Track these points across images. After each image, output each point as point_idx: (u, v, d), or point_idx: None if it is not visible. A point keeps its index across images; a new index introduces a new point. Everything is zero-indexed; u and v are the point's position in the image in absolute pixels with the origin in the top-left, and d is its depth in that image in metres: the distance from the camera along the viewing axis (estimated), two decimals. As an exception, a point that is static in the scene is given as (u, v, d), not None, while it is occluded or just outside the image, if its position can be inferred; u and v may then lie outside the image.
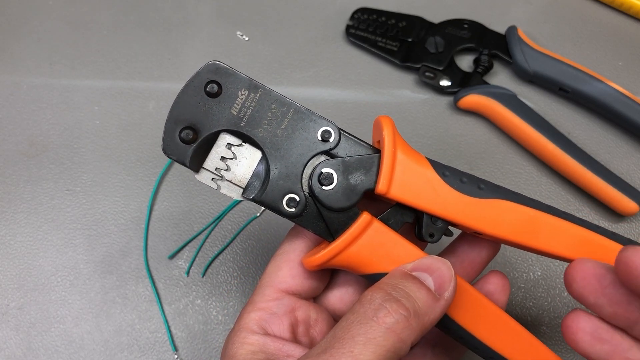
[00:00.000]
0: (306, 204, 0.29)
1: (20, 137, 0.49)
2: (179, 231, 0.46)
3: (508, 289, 0.33)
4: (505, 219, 0.30)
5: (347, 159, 0.29)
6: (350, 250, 0.29)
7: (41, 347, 0.42)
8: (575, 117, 0.50)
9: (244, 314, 0.30)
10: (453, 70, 0.51)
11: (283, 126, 0.29)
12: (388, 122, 0.30)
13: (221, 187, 0.30)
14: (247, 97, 0.29)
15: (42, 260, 0.45)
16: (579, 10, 0.55)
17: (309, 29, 0.54)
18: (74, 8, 0.55)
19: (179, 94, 0.29)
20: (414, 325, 0.25)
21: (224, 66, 0.29)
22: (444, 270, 0.27)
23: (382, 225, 0.29)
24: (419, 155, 0.30)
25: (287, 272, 0.31)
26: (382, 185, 0.29)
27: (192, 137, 0.29)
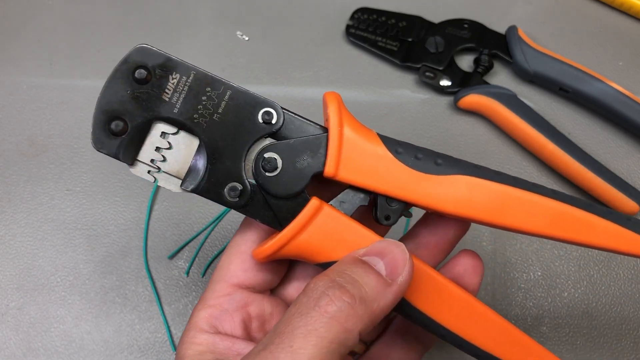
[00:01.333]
0: (251, 192, 0.27)
1: (20, 137, 0.49)
2: (179, 231, 0.46)
3: (480, 269, 0.31)
4: (467, 196, 0.27)
5: (292, 141, 0.27)
6: (299, 239, 0.27)
7: (41, 347, 0.42)
8: (575, 117, 0.50)
9: (195, 312, 0.29)
10: (453, 70, 0.51)
11: (220, 110, 0.27)
12: (333, 98, 0.28)
13: (158, 179, 0.28)
14: (179, 81, 0.27)
15: (42, 260, 0.45)
16: (579, 10, 0.55)
17: (309, 29, 0.54)
18: (74, 8, 0.55)
19: (105, 82, 0.27)
20: (361, 312, 0.23)
21: (153, 49, 0.27)
22: (397, 254, 0.25)
23: (333, 210, 0.27)
24: (369, 131, 0.28)
25: (238, 265, 0.29)
26: (329, 167, 0.27)
27: (123, 128, 0.26)
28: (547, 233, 0.28)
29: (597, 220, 0.28)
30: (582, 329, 0.43)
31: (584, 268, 0.44)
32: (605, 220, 0.28)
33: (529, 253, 0.45)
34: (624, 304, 0.43)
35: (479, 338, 0.28)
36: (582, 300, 0.44)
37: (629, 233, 0.28)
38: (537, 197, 0.28)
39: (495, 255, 0.45)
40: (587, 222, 0.28)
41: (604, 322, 0.43)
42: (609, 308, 0.43)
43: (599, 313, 0.43)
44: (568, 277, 0.44)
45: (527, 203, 0.28)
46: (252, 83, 0.51)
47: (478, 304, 0.28)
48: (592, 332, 0.43)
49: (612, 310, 0.43)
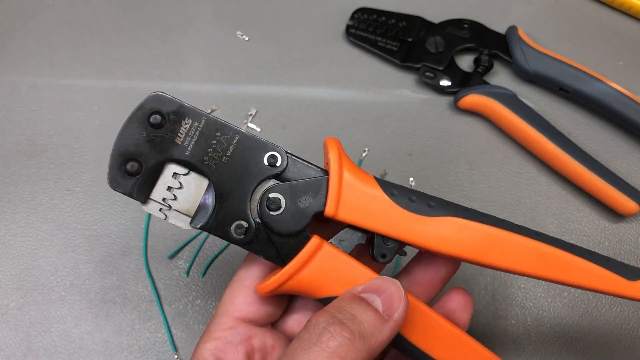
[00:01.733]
0: (256, 230, 0.29)
1: (20, 137, 0.49)
2: (179, 231, 0.45)
3: (470, 306, 0.33)
4: (456, 237, 0.29)
5: (295, 182, 0.29)
6: (301, 275, 0.28)
7: (41, 348, 0.42)
8: (575, 117, 0.50)
9: (200, 344, 0.30)
10: (453, 70, 0.51)
11: (229, 153, 0.29)
12: (333, 144, 0.30)
13: (169, 217, 0.30)
14: (191, 126, 0.29)
15: (42, 260, 0.45)
16: (579, 10, 0.55)
17: (309, 29, 0.54)
18: (74, 8, 0.55)
19: (122, 126, 0.29)
20: (360, 347, 0.25)
21: (167, 97, 0.29)
22: (392, 290, 0.27)
23: (333, 248, 0.29)
24: (367, 175, 0.30)
25: (242, 299, 0.31)
26: (329, 208, 0.29)
27: (138, 169, 0.29)
28: (531, 272, 0.30)
29: (578, 260, 0.30)
30: (582, 329, 0.43)
31: (584, 268, 0.44)
32: (585, 261, 0.30)
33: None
34: (624, 304, 0.43)
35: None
36: (582, 300, 0.44)
37: (607, 273, 0.30)
38: (521, 238, 0.30)
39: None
40: (568, 263, 0.30)
41: (604, 322, 0.43)
42: (608, 308, 0.43)
43: (598, 313, 0.43)
44: (568, 277, 0.44)
45: (512, 243, 0.30)
46: (252, 83, 0.51)
47: (469, 339, 0.30)
48: (592, 332, 0.43)
49: (612, 310, 0.43)
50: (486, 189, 0.47)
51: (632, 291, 0.30)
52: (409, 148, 0.49)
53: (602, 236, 0.45)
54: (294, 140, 0.49)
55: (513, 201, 0.47)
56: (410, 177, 0.47)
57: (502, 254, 0.29)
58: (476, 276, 0.44)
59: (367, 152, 0.48)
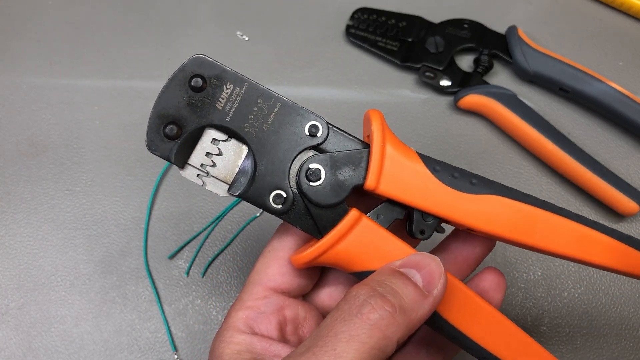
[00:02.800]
0: (294, 200, 0.29)
1: (20, 137, 0.49)
2: (179, 231, 0.46)
3: (504, 286, 0.32)
4: (498, 215, 0.29)
5: (335, 154, 0.29)
6: (338, 248, 0.28)
7: (41, 347, 0.42)
8: (575, 117, 0.50)
9: (232, 312, 0.30)
10: (453, 70, 0.51)
11: (269, 121, 0.28)
12: (377, 116, 0.30)
13: (207, 183, 0.29)
14: (233, 92, 0.28)
15: (42, 260, 0.45)
16: (579, 10, 0.55)
17: (309, 29, 0.54)
18: (74, 8, 0.55)
19: (162, 88, 0.28)
20: (400, 321, 0.24)
21: (209, 60, 0.28)
22: (433, 267, 0.26)
23: (371, 221, 0.29)
24: (409, 149, 0.29)
25: (275, 269, 0.30)
26: (370, 181, 0.28)
27: (177, 133, 0.28)
28: (570, 254, 0.30)
29: (618, 244, 0.30)
30: (582, 329, 0.43)
31: (584, 268, 0.44)
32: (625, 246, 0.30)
33: (529, 253, 0.45)
34: (624, 304, 0.43)
35: (504, 352, 0.29)
36: (582, 300, 0.44)
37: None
38: (562, 219, 0.29)
39: (495, 255, 0.45)
40: (609, 246, 0.30)
41: (604, 322, 0.43)
42: (609, 308, 0.43)
43: (599, 313, 0.43)
44: (568, 277, 0.44)
45: (553, 224, 0.29)
46: (252, 83, 0.51)
47: (504, 318, 0.29)
48: (592, 332, 0.43)
49: (612, 310, 0.43)
50: (486, 189, 0.47)
51: None
52: (409, 148, 0.49)
53: (602, 236, 0.45)
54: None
55: (513, 201, 0.47)
56: (410, 177, 0.47)
57: (543, 234, 0.29)
58: (476, 276, 0.44)
59: (367, 152, 0.48)
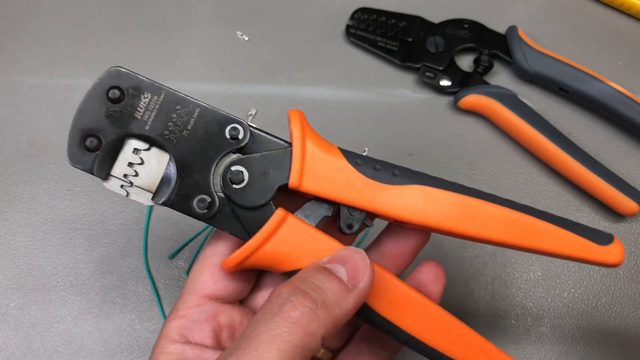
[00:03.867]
0: (220, 204, 0.29)
1: (20, 137, 0.49)
2: (179, 231, 0.46)
3: (442, 278, 0.32)
4: (424, 205, 0.29)
5: (258, 155, 0.29)
6: (265, 249, 0.28)
7: (41, 347, 0.42)
8: (575, 117, 0.50)
9: (166, 322, 0.30)
10: (453, 70, 0.51)
11: (189, 127, 0.28)
12: (296, 115, 0.30)
13: (130, 193, 0.29)
14: (151, 100, 0.28)
15: (42, 260, 0.45)
16: (579, 10, 0.55)
17: (309, 29, 0.54)
18: (74, 8, 0.55)
19: (81, 102, 0.28)
20: (323, 317, 0.24)
21: (125, 71, 0.29)
22: (357, 260, 0.26)
23: (298, 220, 0.29)
24: (331, 145, 0.30)
25: (208, 277, 0.30)
26: (293, 179, 0.28)
27: (97, 145, 0.28)
28: (501, 240, 0.29)
29: (549, 226, 0.29)
30: (582, 329, 0.43)
31: (584, 268, 0.44)
32: (556, 227, 0.30)
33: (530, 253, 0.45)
34: (624, 304, 0.43)
35: (439, 342, 0.29)
36: (582, 300, 0.44)
37: (578, 238, 0.30)
38: (490, 205, 0.29)
39: (495, 255, 0.45)
40: (539, 229, 0.29)
41: (604, 322, 0.43)
42: (609, 308, 0.43)
43: (599, 313, 0.43)
44: (568, 277, 0.44)
45: (482, 211, 0.29)
46: (252, 83, 0.51)
47: (438, 309, 0.29)
48: (592, 332, 0.43)
49: (612, 310, 0.43)
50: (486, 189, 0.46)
51: (601, 256, 0.30)
52: (409, 148, 0.49)
53: (602, 236, 0.45)
54: (294, 140, 0.49)
55: (513, 201, 0.47)
56: (410, 177, 0.47)
57: (472, 222, 0.29)
58: (476, 276, 0.44)
59: (367, 152, 0.48)
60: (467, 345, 0.29)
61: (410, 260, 0.33)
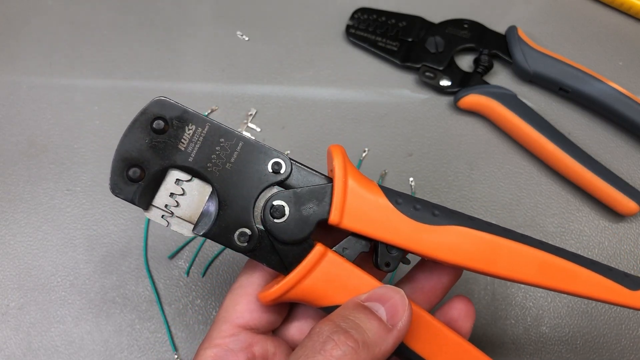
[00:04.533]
0: (259, 237, 0.29)
1: (20, 137, 0.49)
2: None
3: (473, 314, 0.33)
4: (461, 246, 0.29)
5: (299, 190, 0.29)
6: (304, 284, 0.28)
7: (41, 347, 0.42)
8: (575, 117, 0.50)
9: (200, 351, 0.30)
10: (453, 70, 0.51)
11: (232, 159, 0.29)
12: (338, 151, 0.30)
13: (171, 224, 0.29)
14: (195, 132, 0.28)
15: (42, 260, 0.45)
16: (579, 10, 0.55)
17: (309, 29, 0.54)
18: (74, 8, 0.55)
19: (125, 132, 0.28)
20: (363, 356, 0.25)
21: (170, 102, 0.29)
22: (396, 300, 0.27)
23: (337, 256, 0.29)
24: (371, 182, 0.30)
25: (244, 307, 0.30)
26: (334, 216, 0.28)
27: (140, 175, 0.28)
28: (534, 282, 0.30)
29: (581, 270, 0.30)
30: (582, 329, 0.43)
31: (583, 268, 0.44)
32: (588, 271, 0.30)
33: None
34: (623, 304, 0.43)
35: None
36: (582, 300, 0.44)
37: (609, 283, 0.30)
38: (524, 247, 0.30)
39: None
40: (572, 272, 0.30)
41: (604, 322, 0.43)
42: (609, 308, 0.43)
43: (599, 313, 0.43)
44: (568, 277, 0.44)
45: (515, 253, 0.30)
46: (252, 83, 0.51)
47: (471, 347, 0.30)
48: (592, 332, 0.43)
49: (612, 310, 0.43)
50: (486, 189, 0.47)
51: (633, 301, 0.30)
52: (409, 148, 0.49)
53: (602, 236, 0.45)
54: (293, 140, 0.49)
55: (513, 201, 0.47)
56: (410, 177, 0.47)
57: (505, 263, 0.30)
58: (476, 277, 0.44)
59: (367, 152, 0.48)
60: None
61: (442, 296, 0.34)
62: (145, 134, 0.28)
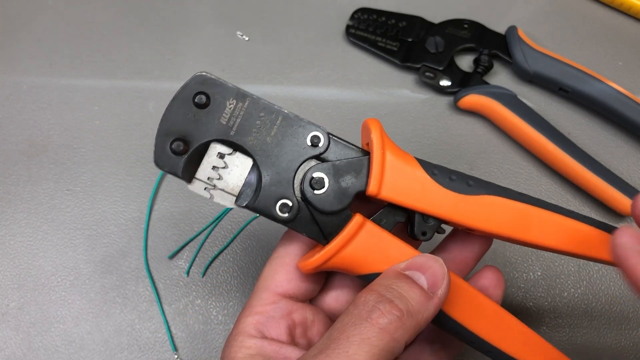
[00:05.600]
0: (299, 208, 0.30)
1: (20, 137, 0.49)
2: (179, 231, 0.46)
3: (502, 283, 0.34)
4: (495, 215, 0.30)
5: (337, 162, 0.30)
6: (344, 253, 0.29)
7: (41, 347, 0.42)
8: (575, 117, 0.50)
9: (242, 317, 0.31)
10: (453, 70, 0.51)
11: (272, 133, 0.29)
12: (376, 124, 0.31)
13: (214, 196, 0.30)
14: (236, 107, 0.29)
15: (42, 260, 0.45)
16: (579, 10, 0.55)
17: (309, 29, 0.54)
18: (74, 8, 0.55)
19: (167, 106, 0.29)
20: (408, 324, 0.26)
21: (211, 77, 0.29)
22: (436, 268, 0.27)
23: (375, 226, 0.30)
24: (408, 155, 0.31)
25: (283, 276, 0.31)
26: (372, 187, 0.29)
27: (183, 149, 0.29)
28: (564, 249, 0.31)
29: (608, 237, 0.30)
30: (582, 329, 0.43)
31: (584, 268, 0.45)
32: None
33: (528, 253, 0.45)
34: (623, 304, 0.43)
35: (507, 345, 0.30)
36: (582, 300, 0.44)
37: None
38: (556, 215, 0.31)
39: (495, 255, 0.45)
40: (601, 240, 0.31)
41: (604, 322, 0.43)
42: (608, 308, 0.43)
43: (599, 313, 0.43)
44: (568, 277, 0.44)
45: (548, 221, 0.31)
46: (252, 83, 0.51)
47: (506, 313, 0.31)
48: (592, 332, 0.43)
49: (612, 310, 0.43)
50: (486, 189, 0.47)
51: None
52: (409, 148, 0.49)
53: (602, 236, 0.46)
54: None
55: (513, 201, 0.47)
56: (410, 177, 0.47)
57: (538, 231, 0.30)
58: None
59: (367, 152, 0.48)
60: (533, 348, 0.30)
61: (473, 266, 0.35)
62: (187, 108, 0.29)
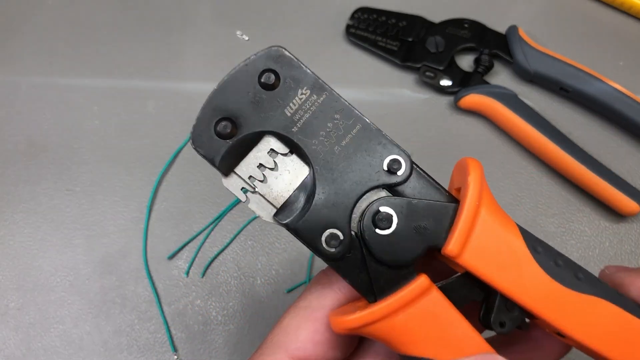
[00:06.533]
0: (350, 246, 0.23)
1: (20, 137, 0.49)
2: (179, 231, 0.45)
3: None
4: (600, 325, 0.23)
5: (415, 201, 0.23)
6: (396, 320, 0.22)
7: (40, 348, 0.42)
8: (576, 117, 0.50)
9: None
10: (453, 70, 0.51)
11: (344, 143, 0.24)
12: (476, 167, 0.24)
13: (250, 200, 0.24)
14: (308, 98, 0.24)
15: (42, 260, 0.45)
16: (579, 9, 0.55)
17: (309, 29, 0.54)
18: (74, 8, 0.55)
19: (227, 77, 0.24)
20: None
21: (289, 55, 0.24)
22: None
23: (442, 296, 0.23)
24: (508, 219, 0.24)
25: (308, 335, 0.25)
26: (453, 246, 0.22)
27: (230, 132, 0.23)
28: None
29: None
30: (582, 329, 0.43)
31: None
32: None
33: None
34: (624, 304, 0.43)
35: None
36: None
37: None
38: None
39: None
40: None
41: (604, 323, 0.43)
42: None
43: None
44: (568, 277, 0.44)
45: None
46: (252, 83, 0.51)
47: None
48: (593, 333, 0.43)
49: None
50: (486, 189, 0.47)
51: None
52: (409, 148, 0.48)
53: (603, 236, 0.45)
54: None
55: (513, 201, 0.46)
56: (410, 177, 0.47)
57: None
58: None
59: (367, 152, 0.48)
60: None
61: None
62: (249, 85, 0.23)
